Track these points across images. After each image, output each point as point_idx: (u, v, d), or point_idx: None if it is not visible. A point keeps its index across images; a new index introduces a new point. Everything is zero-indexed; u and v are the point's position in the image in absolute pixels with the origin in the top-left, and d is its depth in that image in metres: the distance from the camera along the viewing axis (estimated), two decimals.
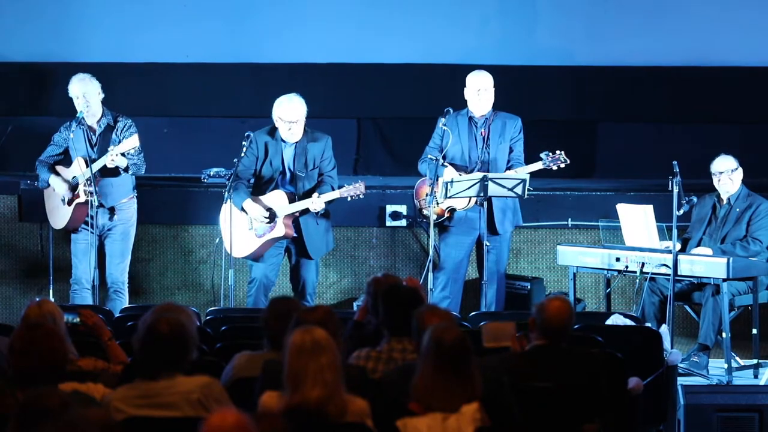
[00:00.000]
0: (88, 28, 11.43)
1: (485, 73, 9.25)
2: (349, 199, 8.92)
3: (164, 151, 10.34)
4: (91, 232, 9.14)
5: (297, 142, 8.98)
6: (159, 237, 10.28)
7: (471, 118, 9.23)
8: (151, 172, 10.37)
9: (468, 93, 9.24)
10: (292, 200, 8.94)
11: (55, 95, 9.26)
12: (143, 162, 9.12)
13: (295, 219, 8.97)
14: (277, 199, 8.96)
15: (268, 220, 8.91)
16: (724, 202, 9.11)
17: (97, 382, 5.30)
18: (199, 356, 5.48)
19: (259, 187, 9.05)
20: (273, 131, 9.04)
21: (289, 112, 8.92)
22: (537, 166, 9.07)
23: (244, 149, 8.95)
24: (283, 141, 8.97)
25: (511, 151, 9.21)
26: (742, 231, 8.99)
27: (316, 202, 8.82)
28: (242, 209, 8.95)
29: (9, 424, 4.20)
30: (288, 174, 9.03)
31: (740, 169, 9.08)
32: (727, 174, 9.03)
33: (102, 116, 9.14)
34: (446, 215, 9.14)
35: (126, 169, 9.06)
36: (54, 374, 4.94)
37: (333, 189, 8.92)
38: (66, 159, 9.23)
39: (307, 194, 8.95)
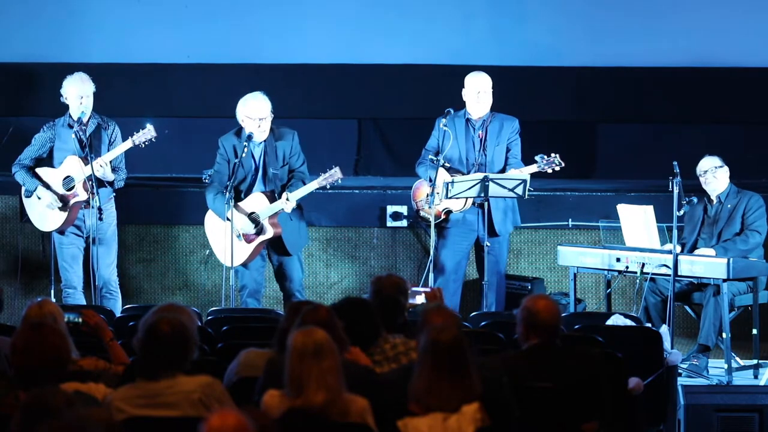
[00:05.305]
0: (89, 28, 11.43)
1: (484, 74, 9.23)
2: (327, 187, 8.88)
3: (165, 151, 10.33)
4: (78, 235, 9.13)
5: (265, 141, 8.94)
6: (160, 237, 10.29)
7: (468, 120, 9.21)
8: (152, 173, 10.37)
9: (467, 94, 9.21)
10: (272, 199, 8.88)
11: (57, 96, 9.25)
12: (126, 174, 9.15)
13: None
14: (257, 202, 8.90)
15: (255, 229, 8.86)
16: (714, 201, 9.11)
17: (99, 382, 5.31)
18: (200, 356, 5.49)
19: (236, 188, 8.92)
20: (238, 132, 8.99)
21: (257, 109, 8.88)
22: (532, 168, 9.06)
23: (218, 158, 8.95)
24: (249, 141, 8.85)
25: (508, 150, 9.20)
26: (736, 227, 8.99)
27: (288, 205, 8.77)
28: (227, 219, 8.85)
29: (11, 422, 4.21)
30: (261, 172, 8.99)
31: (725, 168, 9.07)
32: (711, 172, 9.03)
33: (90, 116, 9.14)
34: (443, 217, 9.13)
35: (111, 183, 9.05)
36: (55, 374, 4.94)
37: (304, 184, 8.87)
38: (47, 159, 9.21)
39: (283, 191, 8.87)
